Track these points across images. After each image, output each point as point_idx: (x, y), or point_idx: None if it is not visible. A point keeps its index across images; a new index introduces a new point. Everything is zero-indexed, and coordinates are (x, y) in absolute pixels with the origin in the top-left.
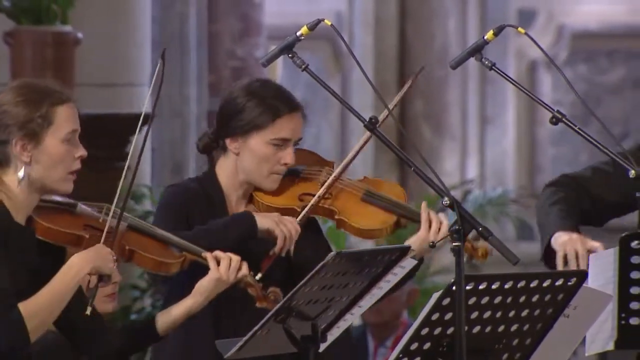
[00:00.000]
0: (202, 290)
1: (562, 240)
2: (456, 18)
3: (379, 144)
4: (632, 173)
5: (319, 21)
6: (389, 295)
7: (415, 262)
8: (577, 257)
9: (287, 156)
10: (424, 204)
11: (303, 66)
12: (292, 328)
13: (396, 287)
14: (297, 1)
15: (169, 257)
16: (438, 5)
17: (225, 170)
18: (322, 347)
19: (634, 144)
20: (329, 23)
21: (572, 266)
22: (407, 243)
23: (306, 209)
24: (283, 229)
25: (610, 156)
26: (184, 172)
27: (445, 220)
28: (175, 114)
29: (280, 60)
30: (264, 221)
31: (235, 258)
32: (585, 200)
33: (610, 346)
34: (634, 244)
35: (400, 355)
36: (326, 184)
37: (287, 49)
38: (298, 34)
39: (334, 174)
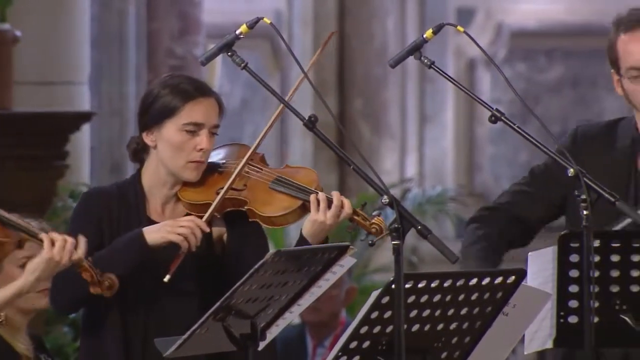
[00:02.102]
0: (33, 269)
1: None
2: (395, 17)
3: (318, 143)
4: (570, 171)
5: (258, 19)
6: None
7: (354, 260)
8: None
9: (202, 142)
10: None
11: (242, 64)
12: (231, 326)
13: None
14: (236, 0)
15: (3, 236)
16: (377, 4)
17: (149, 168)
18: (262, 345)
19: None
20: (268, 21)
21: None
22: (302, 227)
23: (215, 203)
24: (180, 231)
25: (549, 154)
26: (122, 170)
27: (336, 199)
28: (114, 112)
29: (219, 59)
30: (155, 237)
31: (70, 240)
32: (513, 227)
33: (549, 344)
34: (572, 242)
35: (339, 354)
36: (233, 174)
37: (226, 48)
38: (237, 32)
39: (241, 163)
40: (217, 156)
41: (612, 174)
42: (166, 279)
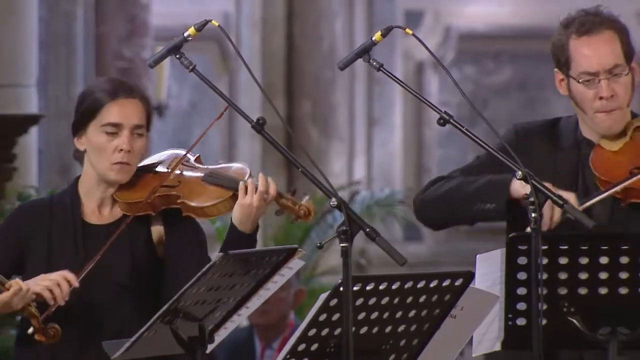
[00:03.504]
0: None
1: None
2: (343, 19)
3: (267, 145)
4: (519, 174)
5: (207, 22)
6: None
7: (302, 263)
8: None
9: (122, 143)
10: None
11: (190, 67)
12: (179, 329)
13: None
14: (184, 2)
15: None
16: (325, 6)
17: (85, 172)
18: (210, 348)
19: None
20: (217, 24)
21: (547, 216)
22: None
23: (147, 197)
24: (44, 284)
25: (498, 157)
26: (71, 172)
27: (262, 179)
28: (62, 114)
29: (167, 61)
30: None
31: (25, 288)
32: None
33: (497, 347)
34: (520, 244)
35: (288, 357)
36: (172, 169)
37: (175, 50)
38: (185, 34)
39: (178, 159)
40: (157, 159)
41: (559, 174)
42: (30, 331)
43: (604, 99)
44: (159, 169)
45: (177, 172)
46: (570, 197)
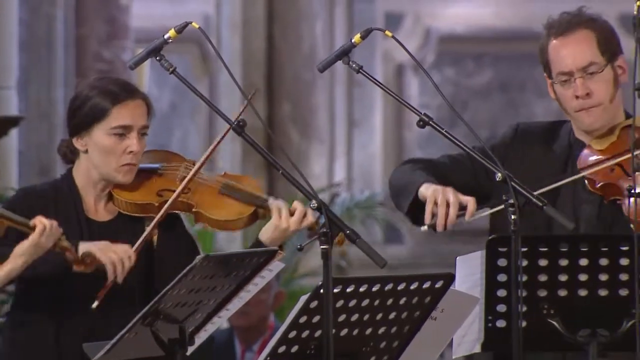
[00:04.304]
0: (21, 252)
1: (433, 189)
2: (324, 21)
3: (247, 147)
4: (498, 176)
5: (187, 24)
6: None
7: (282, 265)
8: (447, 206)
9: (132, 144)
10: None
11: (171, 69)
12: (159, 331)
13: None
14: (164, 4)
15: None
16: (305, 8)
17: (80, 170)
18: (190, 350)
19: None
20: (197, 26)
21: (441, 216)
22: (261, 232)
23: (167, 205)
24: (112, 256)
25: (478, 159)
26: (51, 174)
27: (300, 207)
28: (42, 116)
29: (147, 63)
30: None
31: (55, 224)
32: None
33: (477, 348)
34: (500, 246)
35: (268, 359)
36: (187, 178)
37: (155, 52)
38: (166, 36)
39: (194, 168)
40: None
41: (549, 173)
42: (94, 305)
43: (580, 97)
44: (163, 170)
45: (190, 173)
46: (470, 201)
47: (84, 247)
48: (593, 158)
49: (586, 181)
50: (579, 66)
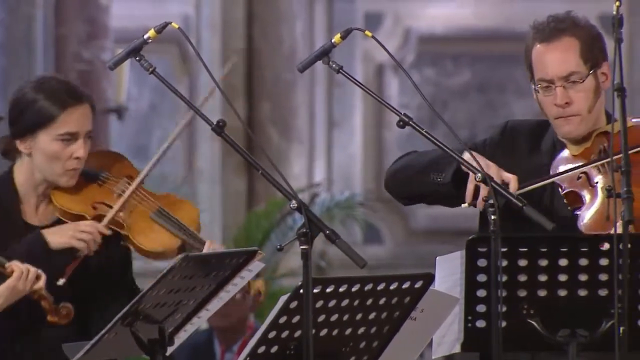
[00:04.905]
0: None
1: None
2: (303, 21)
3: (227, 147)
4: (478, 177)
5: (167, 24)
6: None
7: (262, 265)
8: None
9: (78, 150)
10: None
11: (150, 69)
12: (139, 331)
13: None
14: (144, 4)
15: None
16: (285, 8)
17: (22, 171)
18: (170, 350)
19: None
20: (177, 26)
21: (484, 194)
22: None
23: (105, 221)
24: (82, 236)
25: (457, 159)
26: None
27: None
28: None
29: (127, 63)
30: (58, 240)
31: (33, 270)
32: None
33: (457, 349)
34: (480, 246)
35: (248, 359)
36: (123, 197)
37: (135, 52)
38: (145, 37)
39: (131, 186)
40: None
41: (534, 173)
42: (61, 282)
43: (559, 106)
44: (103, 180)
45: (126, 193)
46: (511, 179)
47: (49, 236)
48: (564, 163)
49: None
50: (560, 75)
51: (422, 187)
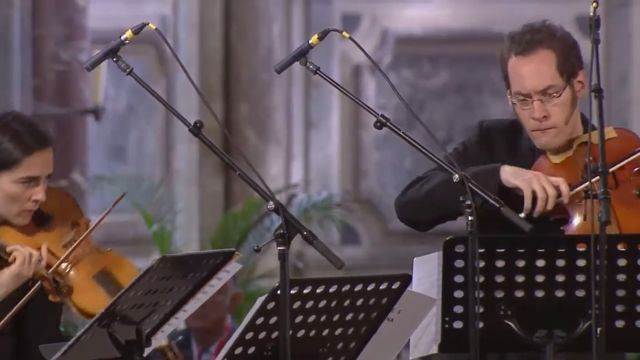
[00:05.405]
0: (3, 284)
1: (523, 178)
2: (281, 22)
3: (204, 148)
4: (455, 177)
5: (144, 25)
6: None
7: (239, 266)
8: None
9: (38, 193)
10: None
11: (128, 70)
12: (116, 332)
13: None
14: (121, 5)
15: None
16: (263, 9)
17: None
18: (147, 351)
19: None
20: (154, 27)
21: (542, 204)
22: None
23: (50, 271)
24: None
25: (435, 160)
26: None
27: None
28: None
29: (104, 64)
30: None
31: (36, 254)
32: None
33: (434, 350)
34: (457, 247)
35: None
36: (69, 250)
37: (112, 53)
38: (122, 37)
39: (78, 240)
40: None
41: None
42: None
43: (536, 119)
44: (51, 224)
45: (73, 246)
46: (560, 182)
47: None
48: (546, 172)
49: None
50: (537, 89)
51: (451, 212)
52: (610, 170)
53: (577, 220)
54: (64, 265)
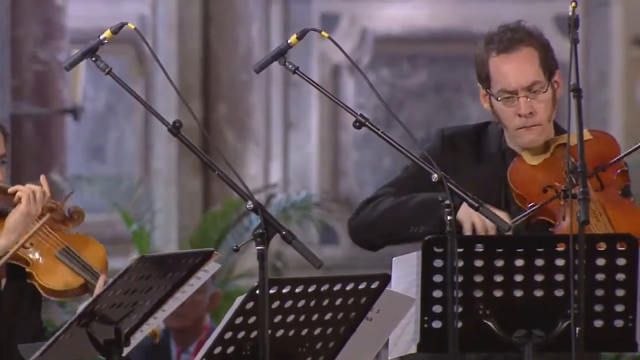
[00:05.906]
0: (14, 227)
1: (466, 210)
2: (260, 22)
3: (183, 148)
4: (434, 177)
5: (123, 25)
6: None
7: (218, 266)
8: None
9: None
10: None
11: (106, 70)
12: (95, 332)
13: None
14: (100, 5)
15: None
16: (242, 9)
17: None
18: (126, 351)
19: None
20: (133, 27)
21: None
22: None
23: (5, 258)
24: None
25: (413, 160)
26: None
27: None
28: None
29: (83, 64)
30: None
31: (39, 189)
32: None
33: (413, 349)
34: (436, 247)
35: None
36: (28, 234)
37: (90, 53)
38: (101, 37)
39: (38, 224)
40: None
41: (484, 182)
42: None
43: (523, 116)
44: (7, 211)
45: (32, 230)
46: (503, 215)
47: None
48: (524, 174)
49: (515, 197)
50: (523, 85)
51: (399, 239)
52: (604, 166)
53: (567, 221)
54: (26, 250)
